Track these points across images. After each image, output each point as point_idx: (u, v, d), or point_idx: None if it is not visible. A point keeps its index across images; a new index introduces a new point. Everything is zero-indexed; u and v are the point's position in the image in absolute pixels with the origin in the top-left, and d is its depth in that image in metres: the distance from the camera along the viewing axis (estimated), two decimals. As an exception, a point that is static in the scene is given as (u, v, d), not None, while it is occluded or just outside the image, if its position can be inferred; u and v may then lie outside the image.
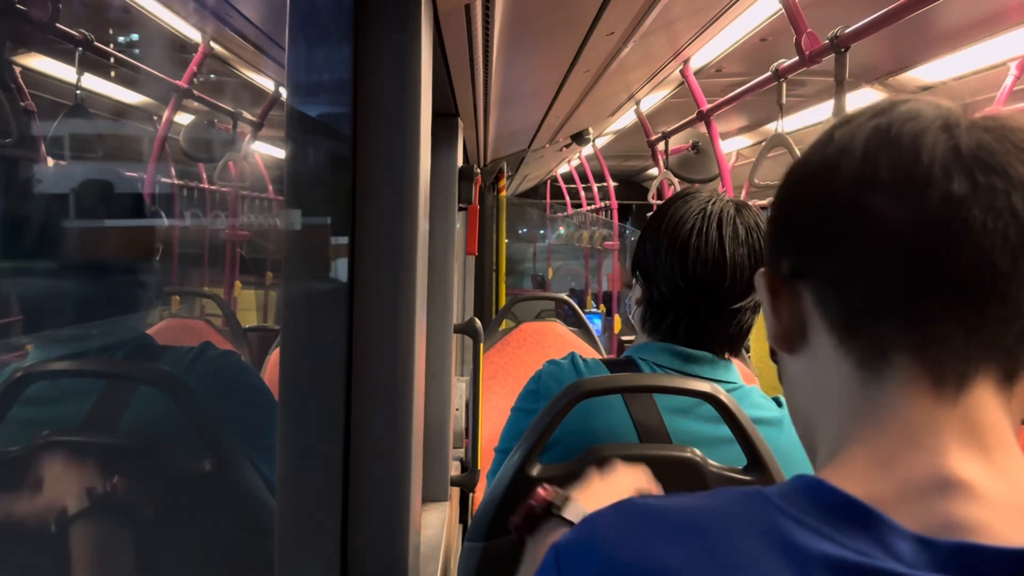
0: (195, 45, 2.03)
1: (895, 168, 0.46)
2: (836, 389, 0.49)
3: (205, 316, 2.85)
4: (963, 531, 0.41)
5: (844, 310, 0.48)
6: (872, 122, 0.49)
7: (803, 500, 0.43)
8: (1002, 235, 0.44)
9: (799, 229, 0.51)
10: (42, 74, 1.82)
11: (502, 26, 1.22)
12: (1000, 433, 0.45)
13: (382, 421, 0.82)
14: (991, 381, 0.46)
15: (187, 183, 3.32)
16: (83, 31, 1.59)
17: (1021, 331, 0.45)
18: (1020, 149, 0.45)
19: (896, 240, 0.45)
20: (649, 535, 0.45)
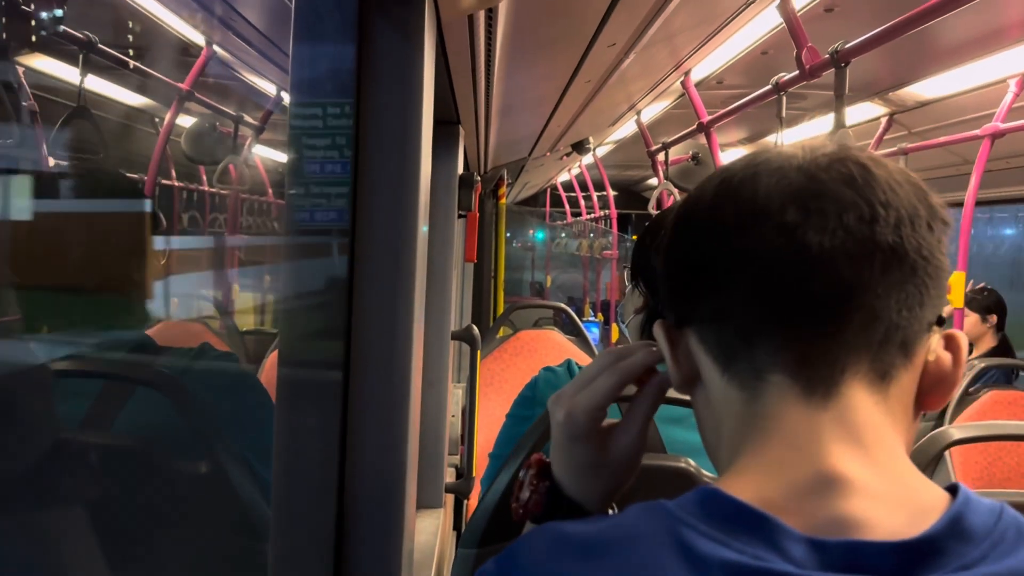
0: (198, 49, 2.04)
1: (737, 211, 0.51)
2: (728, 414, 0.53)
3: (203, 319, 2.85)
4: (849, 526, 0.44)
5: (721, 345, 0.53)
6: (719, 177, 0.55)
7: (699, 510, 0.46)
8: (841, 251, 0.48)
9: (676, 282, 0.56)
10: (46, 75, 1.82)
11: (504, 36, 1.23)
12: (877, 431, 0.49)
13: (378, 426, 0.82)
14: (862, 383, 0.49)
15: (187, 185, 3.32)
16: (87, 33, 1.60)
17: (884, 335, 0.49)
18: (843, 176, 0.50)
19: (748, 274, 0.50)
20: (562, 557, 0.47)
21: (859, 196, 0.49)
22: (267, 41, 1.73)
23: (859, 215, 0.49)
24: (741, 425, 0.52)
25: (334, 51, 0.85)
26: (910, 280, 0.49)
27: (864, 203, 0.49)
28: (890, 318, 0.49)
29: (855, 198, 0.49)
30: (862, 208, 0.49)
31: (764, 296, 0.50)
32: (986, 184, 2.90)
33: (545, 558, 0.48)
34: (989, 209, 8.24)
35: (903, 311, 0.49)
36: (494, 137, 2.43)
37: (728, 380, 0.53)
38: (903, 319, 0.49)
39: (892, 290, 0.49)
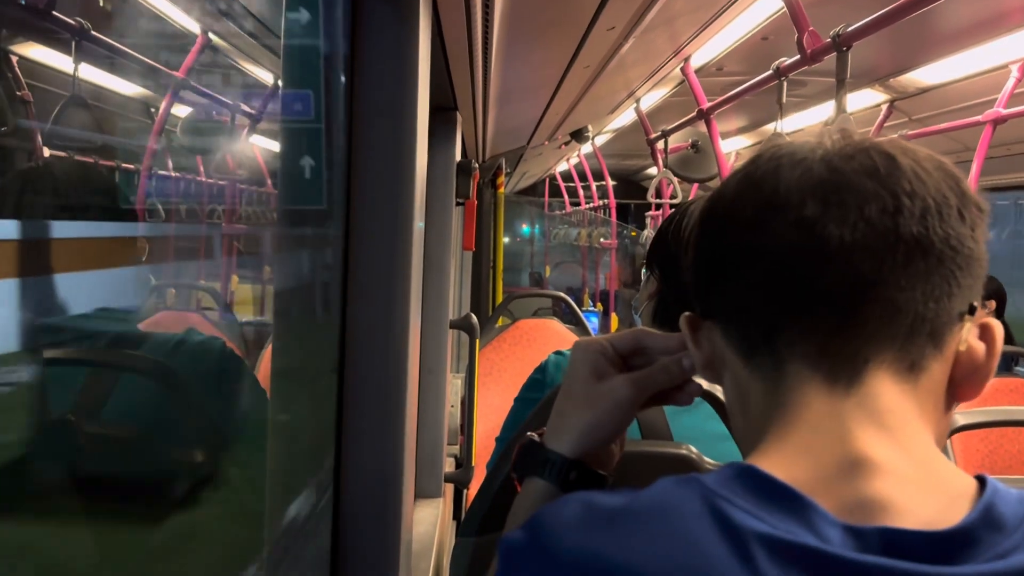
0: (193, 36, 2.02)
1: (757, 204, 0.52)
2: (752, 404, 0.54)
3: (201, 309, 2.83)
4: (880, 510, 0.44)
5: (743, 338, 0.54)
6: (743, 171, 0.55)
7: (737, 484, 0.46)
8: (861, 245, 0.48)
9: (698, 276, 0.57)
10: (38, 63, 1.80)
11: (502, 17, 1.21)
12: (901, 416, 0.49)
13: (375, 417, 0.82)
14: (887, 373, 0.49)
15: (184, 175, 3.30)
16: (79, 19, 1.58)
17: (910, 327, 0.49)
18: (864, 168, 0.50)
19: (765, 268, 0.51)
20: (591, 526, 0.47)
21: (882, 187, 0.49)
22: (263, 27, 1.71)
23: (882, 207, 0.48)
24: (765, 412, 0.52)
25: (327, 34, 0.83)
26: (936, 271, 0.49)
27: (888, 194, 0.49)
28: (915, 310, 0.49)
29: (878, 189, 0.49)
30: (885, 200, 0.48)
31: (781, 290, 0.50)
32: (987, 171, 2.88)
33: (574, 526, 0.47)
34: (990, 196, 8.22)
35: (930, 303, 0.49)
36: (492, 124, 2.41)
37: (751, 371, 0.53)
38: (930, 311, 0.49)
39: (917, 282, 0.48)
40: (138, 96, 2.41)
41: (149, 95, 2.39)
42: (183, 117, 2.48)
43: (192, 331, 1.04)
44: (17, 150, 1.68)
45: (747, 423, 0.55)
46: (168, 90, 2.21)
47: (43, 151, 1.67)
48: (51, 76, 1.84)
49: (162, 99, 2.35)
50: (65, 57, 1.69)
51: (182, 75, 2.18)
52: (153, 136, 2.36)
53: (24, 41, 1.75)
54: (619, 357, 0.66)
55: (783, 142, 0.55)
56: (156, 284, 1.15)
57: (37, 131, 1.72)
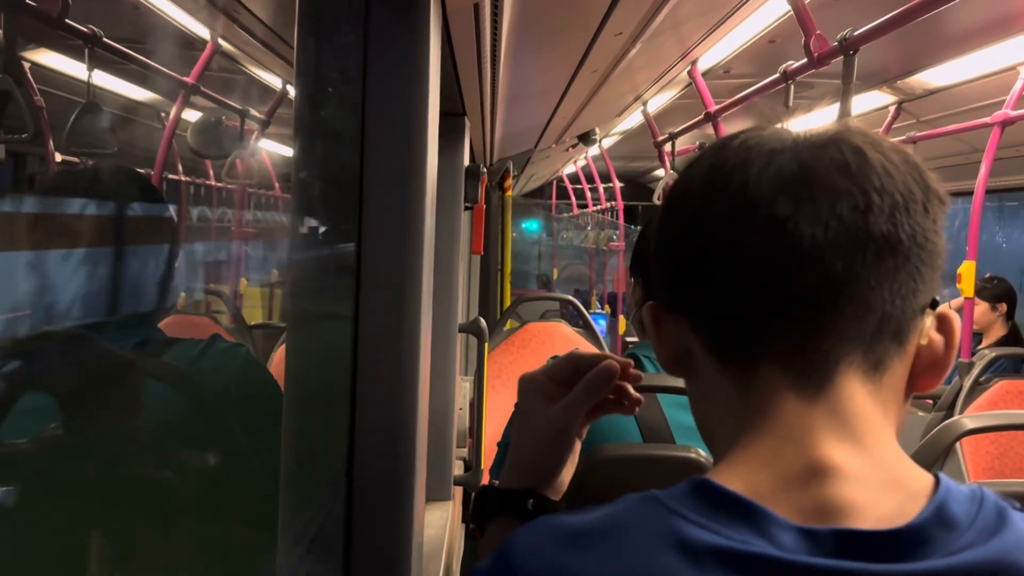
0: (203, 42, 2.03)
1: (727, 199, 0.50)
2: (721, 403, 0.53)
3: (211, 313, 2.85)
4: (837, 514, 0.44)
5: (712, 336, 0.52)
6: (708, 161, 0.53)
7: (690, 499, 0.46)
8: (833, 244, 0.47)
9: (667, 266, 0.55)
10: (50, 70, 1.82)
11: (510, 25, 1.22)
12: (869, 421, 0.48)
13: (386, 420, 0.82)
14: (856, 374, 0.49)
15: (194, 180, 3.33)
16: (92, 27, 1.60)
17: (877, 326, 0.48)
18: (836, 163, 0.49)
19: (738, 266, 0.49)
20: (556, 547, 0.47)
21: (853, 184, 0.48)
22: (273, 34, 1.72)
23: (852, 204, 0.48)
24: (733, 415, 0.51)
25: (339, 43, 0.84)
26: (903, 268, 0.48)
27: (858, 191, 0.48)
28: (883, 309, 0.48)
29: (849, 186, 0.48)
30: (856, 197, 0.48)
31: (754, 289, 0.49)
32: (996, 172, 2.88)
33: (540, 547, 0.48)
34: (998, 198, 8.19)
35: (896, 300, 0.48)
36: (500, 128, 2.42)
37: (722, 371, 0.52)
38: (896, 308, 0.49)
39: (885, 280, 0.48)
40: (149, 101, 2.43)
41: (160, 100, 2.41)
42: (193, 121, 2.50)
43: (217, 337, 1.05)
44: (31, 155, 1.70)
45: (715, 419, 0.55)
46: (178, 95, 2.23)
47: (55, 156, 1.69)
48: (64, 82, 1.86)
49: (172, 104, 2.37)
50: (79, 64, 1.71)
51: (193, 81, 2.20)
52: (164, 141, 2.38)
53: (38, 48, 1.77)
54: (557, 385, 0.68)
55: (750, 131, 0.54)
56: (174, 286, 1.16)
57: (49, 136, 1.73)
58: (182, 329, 2.22)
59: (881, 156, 0.50)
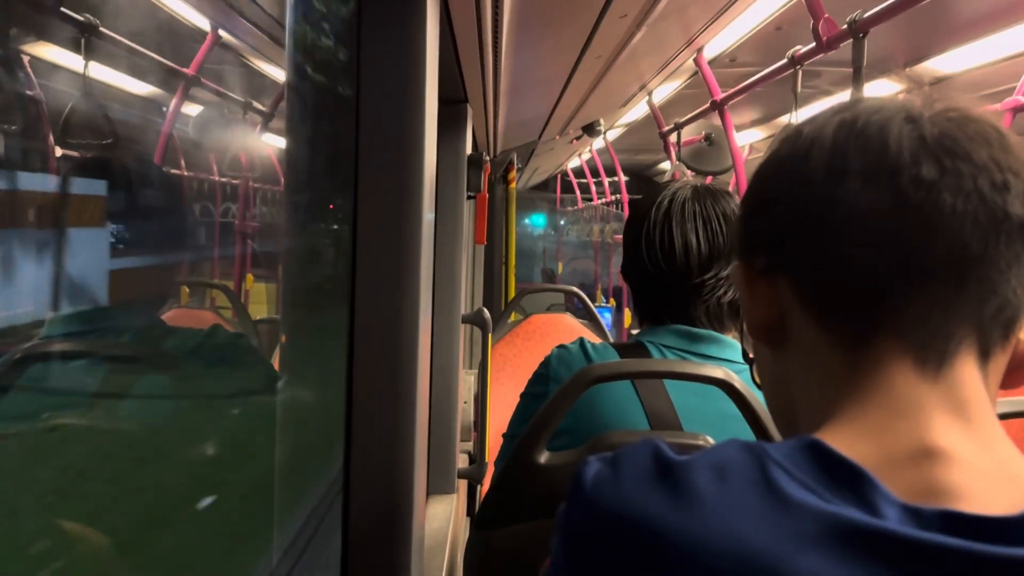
0: (203, 33, 2.02)
1: (865, 158, 0.48)
2: (820, 372, 0.51)
3: (215, 308, 2.84)
4: (944, 495, 0.43)
5: (824, 299, 0.50)
6: (838, 117, 0.51)
7: (800, 456, 0.45)
8: (972, 217, 0.46)
9: (773, 224, 0.53)
10: (48, 62, 1.80)
11: (512, 6, 1.20)
12: (980, 407, 0.47)
13: (386, 413, 0.81)
14: (971, 357, 0.47)
15: (196, 174, 3.31)
16: (88, 16, 1.58)
17: (996, 310, 0.47)
18: (980, 135, 0.47)
19: (871, 227, 0.47)
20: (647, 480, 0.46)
21: (992, 160, 0.47)
22: (275, 23, 1.70)
23: (991, 181, 0.46)
24: (837, 384, 0.49)
25: (333, 24, 0.82)
26: None
27: (997, 168, 0.46)
28: (1005, 295, 0.47)
29: (988, 161, 0.46)
30: (994, 174, 0.46)
31: (886, 253, 0.47)
32: (1007, 160, 2.84)
33: (639, 479, 0.47)
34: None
35: (1018, 289, 0.47)
36: (503, 117, 2.40)
37: (828, 338, 0.50)
38: (1015, 297, 0.47)
39: (1013, 265, 0.47)
40: (148, 94, 2.41)
41: (159, 92, 2.39)
42: (195, 115, 2.49)
43: (218, 328, 1.04)
44: (28, 148, 1.68)
45: (806, 388, 0.52)
46: (179, 87, 2.21)
47: (55, 149, 1.67)
48: (62, 74, 1.84)
49: (172, 96, 2.35)
50: (75, 55, 1.69)
51: (192, 72, 2.18)
52: (163, 134, 2.36)
53: (34, 39, 1.75)
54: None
55: (865, 99, 0.52)
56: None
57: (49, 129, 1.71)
58: (186, 323, 2.21)
59: (1017, 140, 0.49)
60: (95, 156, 1.72)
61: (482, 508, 1.05)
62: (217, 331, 1.02)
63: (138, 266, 0.98)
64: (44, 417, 0.80)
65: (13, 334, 0.87)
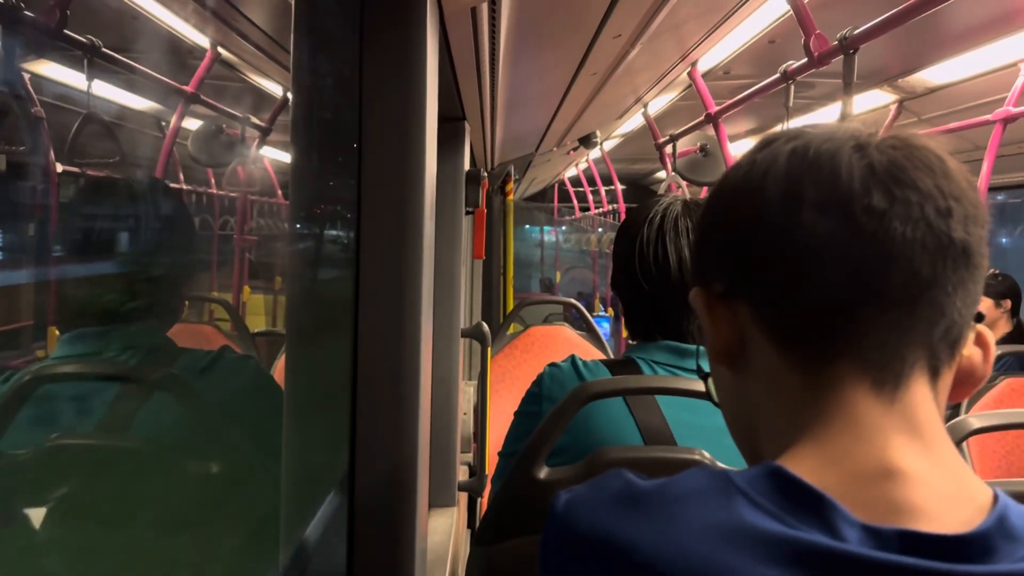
0: (203, 51, 2.04)
1: (819, 187, 0.49)
2: (781, 395, 0.52)
3: (214, 321, 2.85)
4: (904, 514, 0.45)
5: (783, 324, 0.51)
6: (790, 146, 0.52)
7: (762, 484, 0.46)
8: (920, 244, 0.47)
9: (730, 251, 0.54)
10: (51, 80, 1.82)
11: (508, 28, 1.22)
12: (934, 427, 0.49)
13: (387, 427, 0.82)
14: (924, 378, 0.49)
15: (195, 188, 3.32)
16: (90, 37, 1.59)
17: (944, 331, 0.49)
18: (924, 164, 0.49)
19: (828, 254, 0.48)
20: (613, 508, 0.48)
21: (936, 187, 0.48)
22: (271, 41, 1.72)
23: (936, 207, 0.48)
24: (799, 410, 0.50)
25: (336, 48, 0.84)
26: (971, 278, 0.49)
27: (940, 195, 0.48)
28: (952, 316, 0.49)
29: (932, 189, 0.48)
30: (939, 200, 0.48)
31: (842, 281, 0.48)
32: (998, 169, 2.87)
33: (599, 509, 0.49)
34: (1002, 195, 8.16)
35: (962, 309, 0.49)
36: (500, 132, 2.42)
37: (787, 362, 0.51)
38: (960, 317, 0.49)
39: (958, 288, 0.48)
40: (150, 111, 2.43)
41: (160, 109, 2.41)
42: (194, 130, 2.51)
43: (227, 349, 1.05)
44: (31, 166, 1.70)
45: (766, 411, 0.53)
46: (179, 104, 2.23)
47: (56, 167, 1.69)
48: (64, 93, 1.86)
49: (172, 113, 2.37)
50: (78, 74, 1.71)
51: (192, 89, 2.20)
52: (164, 150, 2.38)
53: (37, 59, 1.77)
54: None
55: (818, 124, 0.54)
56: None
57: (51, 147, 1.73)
58: (185, 337, 2.22)
59: (955, 166, 0.50)
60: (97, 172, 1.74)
61: (483, 523, 1.06)
62: (224, 353, 1.03)
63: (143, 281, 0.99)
64: (52, 437, 0.81)
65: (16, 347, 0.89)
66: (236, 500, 0.92)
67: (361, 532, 0.82)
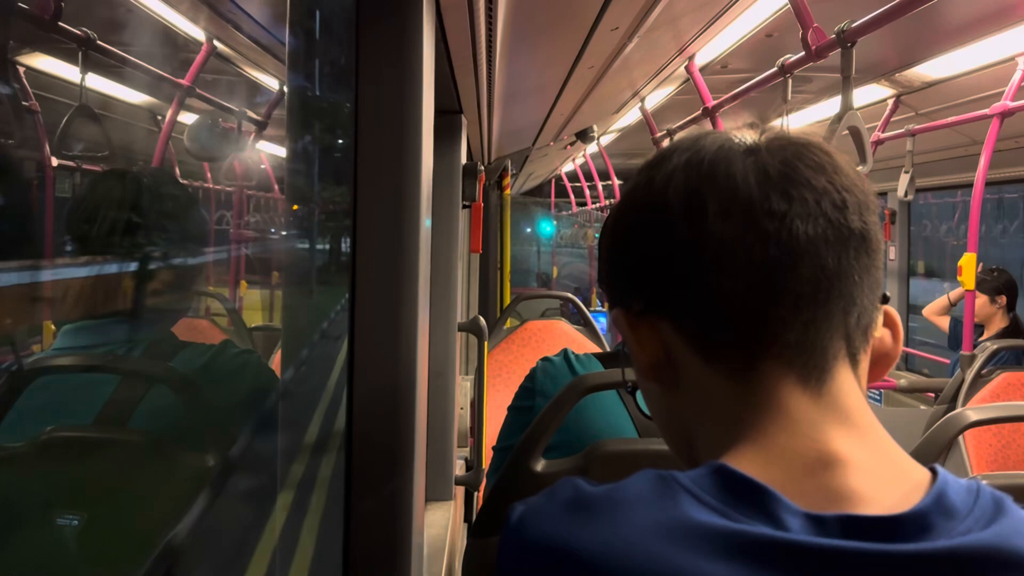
0: (198, 44, 2.03)
1: (718, 197, 0.50)
2: (713, 402, 0.53)
3: (210, 316, 2.84)
4: (844, 500, 0.46)
5: (704, 332, 0.52)
6: (684, 157, 0.53)
7: (706, 481, 0.47)
8: (823, 238, 0.49)
9: (640, 268, 0.55)
10: (44, 73, 1.81)
11: (505, 20, 1.21)
12: (863, 413, 0.51)
13: (384, 420, 0.82)
14: (846, 366, 0.51)
15: (191, 182, 3.31)
16: (85, 30, 1.59)
17: (857, 320, 0.51)
18: (816, 163, 0.51)
19: (737, 261, 0.50)
20: (563, 515, 0.49)
21: (829, 182, 0.50)
22: (268, 34, 1.71)
23: (832, 201, 0.50)
24: (732, 413, 0.51)
25: (331, 39, 0.84)
26: (874, 263, 0.51)
27: (834, 189, 0.50)
28: (862, 303, 0.51)
29: (826, 184, 0.50)
30: (833, 195, 0.50)
31: (754, 286, 0.50)
32: (996, 164, 2.87)
33: (549, 518, 0.49)
34: (998, 190, 8.17)
35: (869, 295, 0.51)
36: (497, 126, 2.41)
37: (713, 370, 0.52)
38: (869, 303, 0.51)
39: (864, 275, 0.51)
40: (145, 104, 2.42)
41: (156, 103, 2.40)
42: (190, 124, 2.49)
43: (228, 343, 1.04)
44: (25, 160, 1.69)
45: (700, 420, 0.54)
46: (174, 98, 2.22)
47: (51, 160, 1.68)
48: (58, 86, 1.85)
49: (168, 107, 2.36)
50: (71, 67, 1.70)
51: (188, 83, 2.19)
52: (160, 144, 2.37)
53: (31, 51, 1.76)
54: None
55: (709, 133, 0.55)
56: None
57: (45, 141, 1.72)
58: (182, 332, 2.21)
59: (842, 158, 0.52)
60: (92, 166, 1.73)
61: (479, 516, 1.06)
62: (226, 348, 1.03)
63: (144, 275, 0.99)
64: (49, 430, 0.81)
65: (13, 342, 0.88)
66: (240, 492, 0.92)
67: (358, 525, 0.82)
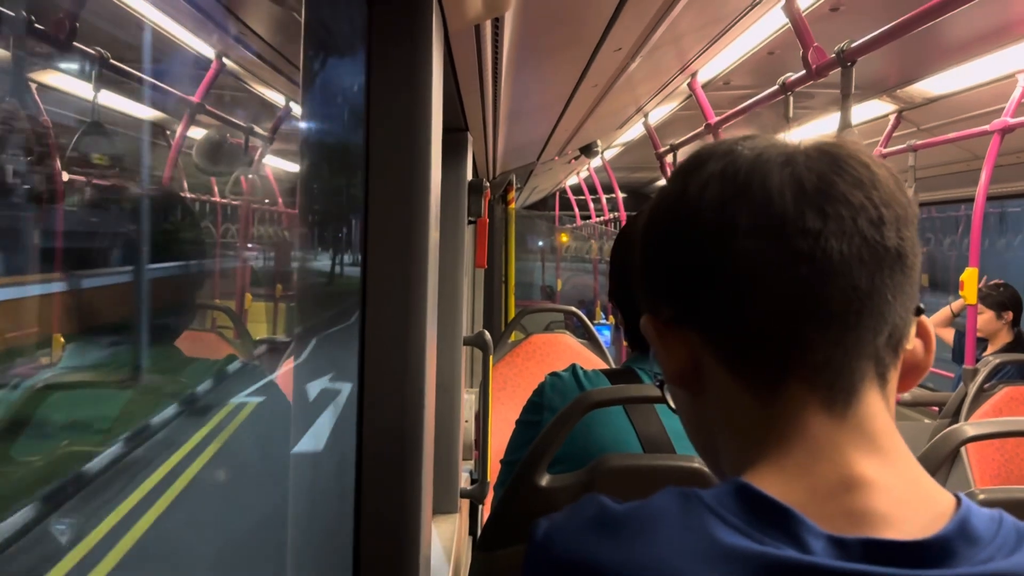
0: (208, 61, 2.06)
1: (752, 212, 0.50)
2: (736, 415, 0.52)
3: (217, 328, 2.86)
4: (867, 523, 0.45)
5: (732, 348, 0.52)
6: (720, 166, 0.52)
7: (730, 500, 0.47)
8: (857, 258, 0.48)
9: (672, 278, 0.54)
10: (58, 90, 1.84)
11: (511, 43, 1.24)
12: (890, 436, 0.50)
13: (392, 433, 0.83)
14: (873, 387, 0.50)
15: (199, 196, 3.34)
16: (99, 49, 1.62)
17: (887, 339, 0.50)
18: (855, 179, 0.50)
19: (768, 278, 0.49)
20: (589, 533, 0.49)
21: (866, 198, 0.49)
22: (276, 53, 1.74)
23: (868, 218, 0.49)
24: (755, 429, 0.51)
25: (344, 62, 0.86)
26: (908, 280, 0.50)
27: (871, 205, 0.49)
28: (894, 321, 0.49)
29: (863, 200, 0.49)
30: (870, 211, 0.49)
31: (784, 304, 0.49)
32: (997, 179, 2.88)
33: (575, 535, 0.49)
34: (1001, 204, 8.17)
35: (903, 312, 0.50)
36: (502, 143, 2.44)
37: (740, 384, 0.52)
38: (901, 320, 0.50)
39: (898, 293, 0.49)
40: (156, 120, 2.45)
41: (166, 119, 2.43)
42: (199, 139, 2.52)
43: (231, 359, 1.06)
44: (37, 174, 1.72)
45: (726, 433, 0.54)
46: (184, 114, 2.25)
47: (63, 175, 1.70)
48: (71, 102, 1.88)
49: (178, 123, 2.39)
50: (84, 84, 1.73)
51: (198, 100, 2.22)
52: (170, 159, 2.40)
53: (45, 69, 1.79)
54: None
55: (752, 138, 0.54)
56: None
57: (57, 156, 1.75)
58: (189, 345, 2.23)
59: (882, 171, 0.51)
60: (103, 181, 1.76)
61: (485, 529, 1.07)
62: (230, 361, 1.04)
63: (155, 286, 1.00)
64: (63, 444, 0.83)
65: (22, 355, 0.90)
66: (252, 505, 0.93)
67: (366, 538, 0.83)
